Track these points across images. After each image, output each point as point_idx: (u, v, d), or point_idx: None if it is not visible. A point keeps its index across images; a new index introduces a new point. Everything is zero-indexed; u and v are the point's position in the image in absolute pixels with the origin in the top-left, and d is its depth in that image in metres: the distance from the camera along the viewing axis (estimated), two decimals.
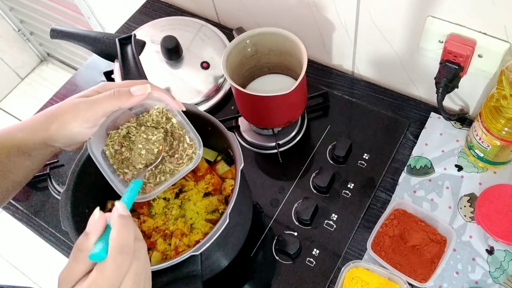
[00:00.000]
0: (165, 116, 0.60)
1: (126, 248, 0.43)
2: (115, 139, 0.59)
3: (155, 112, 0.60)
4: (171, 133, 0.59)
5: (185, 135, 0.60)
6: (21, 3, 1.95)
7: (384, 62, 0.92)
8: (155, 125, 0.59)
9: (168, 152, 0.60)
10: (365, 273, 0.74)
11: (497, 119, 0.73)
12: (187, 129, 0.59)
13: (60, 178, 0.92)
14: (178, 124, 0.60)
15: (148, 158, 0.59)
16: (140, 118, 0.60)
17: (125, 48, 0.78)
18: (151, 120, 0.59)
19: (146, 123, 0.59)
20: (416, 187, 0.84)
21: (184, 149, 0.60)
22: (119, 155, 0.59)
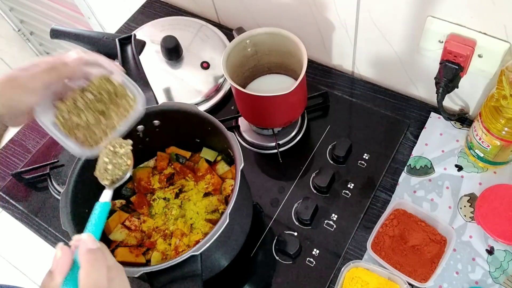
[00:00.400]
0: (106, 80, 0.62)
1: (98, 286, 0.41)
2: (63, 109, 0.60)
3: (96, 79, 0.62)
4: (115, 93, 0.62)
5: (127, 92, 0.62)
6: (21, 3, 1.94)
7: (384, 62, 0.92)
8: (98, 90, 0.61)
9: (115, 109, 0.62)
10: (365, 273, 0.74)
11: (497, 119, 0.73)
12: (129, 87, 0.62)
13: (60, 178, 0.92)
14: (119, 84, 0.62)
15: (115, 174, 0.60)
16: (83, 87, 0.62)
17: (125, 48, 0.78)
18: (93, 86, 0.61)
19: (89, 90, 0.61)
20: (416, 187, 0.84)
21: (129, 104, 0.62)
22: (69, 122, 0.61)
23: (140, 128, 0.74)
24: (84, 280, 0.40)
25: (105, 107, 0.61)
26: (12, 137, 1.03)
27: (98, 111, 0.61)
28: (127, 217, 0.76)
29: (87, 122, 0.61)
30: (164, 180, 0.79)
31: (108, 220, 0.73)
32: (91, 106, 0.61)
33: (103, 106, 0.61)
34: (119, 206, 0.76)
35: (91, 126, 0.61)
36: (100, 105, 0.61)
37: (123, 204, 0.77)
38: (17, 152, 1.01)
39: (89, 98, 0.61)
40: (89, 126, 0.61)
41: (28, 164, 0.97)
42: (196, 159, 0.81)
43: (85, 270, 0.41)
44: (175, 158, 0.81)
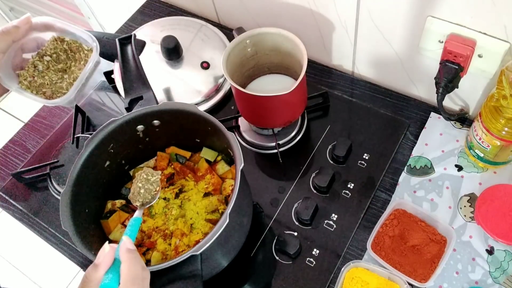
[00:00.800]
0: (59, 40, 0.68)
1: (137, 279, 0.48)
2: (25, 75, 0.67)
3: (49, 42, 0.68)
4: (70, 50, 0.68)
5: (81, 45, 0.69)
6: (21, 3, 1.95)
7: (384, 62, 0.92)
8: (54, 51, 0.68)
9: (75, 64, 0.69)
10: (365, 273, 0.74)
11: (497, 119, 0.73)
12: (82, 39, 0.68)
13: (60, 178, 0.92)
14: (72, 40, 0.69)
15: (146, 197, 0.67)
16: (40, 52, 0.68)
17: (125, 48, 0.78)
18: (48, 49, 0.68)
19: (46, 53, 0.68)
20: (416, 187, 0.84)
21: (86, 54, 0.69)
22: (34, 83, 0.67)
23: (140, 128, 0.74)
24: (126, 273, 0.47)
25: (64, 65, 0.68)
26: (12, 137, 1.03)
27: (59, 70, 0.68)
28: (127, 217, 0.76)
29: (51, 80, 0.67)
30: (164, 180, 0.79)
31: (108, 220, 0.73)
32: (51, 67, 0.67)
33: (62, 64, 0.68)
34: (119, 206, 0.76)
35: (56, 83, 0.67)
36: (60, 64, 0.67)
37: (123, 204, 0.77)
38: (17, 152, 1.01)
39: (47, 61, 0.67)
40: (54, 83, 0.67)
41: (28, 164, 0.97)
42: (196, 159, 0.81)
43: (127, 265, 0.48)
44: (175, 158, 0.81)
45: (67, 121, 1.03)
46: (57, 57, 0.68)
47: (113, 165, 0.76)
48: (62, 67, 0.68)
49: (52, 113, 1.05)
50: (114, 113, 1.03)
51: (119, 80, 0.99)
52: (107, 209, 0.76)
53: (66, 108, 1.05)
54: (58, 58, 0.68)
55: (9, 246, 1.89)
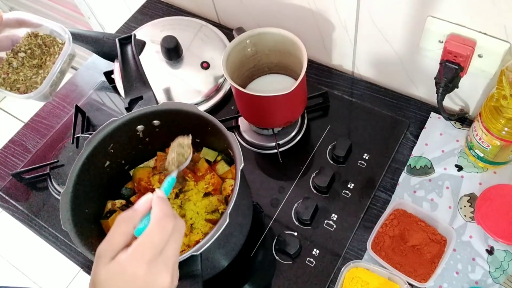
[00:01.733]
0: (33, 36, 0.68)
1: (168, 214, 0.48)
2: (0, 73, 0.67)
3: (24, 38, 0.68)
4: (44, 45, 0.68)
5: (55, 38, 0.69)
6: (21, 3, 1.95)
7: (384, 62, 0.92)
8: (28, 47, 0.68)
9: (49, 59, 0.69)
10: (365, 273, 0.74)
11: (497, 119, 0.73)
12: (56, 33, 0.69)
13: (60, 178, 0.92)
14: (47, 35, 0.69)
15: (180, 160, 0.66)
16: (14, 49, 0.68)
17: (125, 48, 0.78)
18: (23, 45, 0.68)
19: (20, 50, 0.68)
20: (416, 187, 0.84)
21: (60, 48, 0.69)
22: (8, 80, 0.68)
23: (140, 128, 0.74)
24: (157, 211, 0.48)
25: (39, 60, 0.67)
26: (12, 137, 1.03)
27: (34, 66, 0.67)
28: None
29: (26, 76, 0.67)
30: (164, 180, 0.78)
31: (108, 220, 0.73)
32: (26, 63, 0.67)
33: (37, 60, 0.67)
34: (119, 206, 0.76)
35: (31, 78, 0.67)
36: (35, 60, 0.67)
37: (123, 204, 0.77)
38: (17, 152, 1.01)
39: (22, 57, 0.67)
40: (29, 78, 0.67)
41: (28, 164, 0.97)
42: (196, 159, 0.81)
43: (158, 206, 0.49)
44: None
45: (67, 121, 1.03)
46: (31, 52, 0.68)
47: (113, 165, 0.76)
48: (37, 62, 0.68)
49: (52, 113, 1.05)
50: (114, 113, 1.03)
51: (119, 80, 0.99)
52: (107, 209, 0.76)
53: (66, 108, 1.05)
54: (32, 53, 0.68)
55: (9, 246, 1.89)
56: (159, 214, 0.48)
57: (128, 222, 0.48)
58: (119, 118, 0.71)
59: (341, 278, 0.74)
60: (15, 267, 1.85)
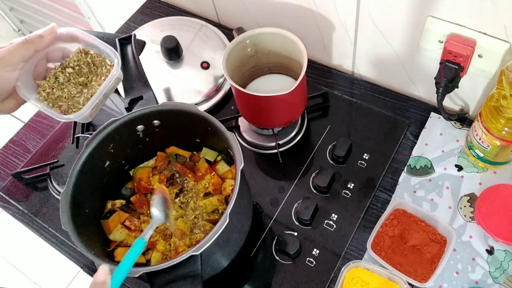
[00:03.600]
0: (84, 53, 0.66)
1: None
2: (45, 86, 0.65)
3: (74, 54, 0.66)
4: (93, 63, 0.66)
5: (105, 59, 0.66)
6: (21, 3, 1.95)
7: (384, 62, 0.92)
8: (77, 63, 0.66)
9: (96, 79, 0.66)
10: (365, 273, 0.74)
11: (497, 119, 0.73)
12: (106, 54, 0.66)
13: (60, 178, 0.92)
14: (96, 53, 0.66)
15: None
16: (63, 63, 0.66)
17: (125, 48, 0.78)
18: (72, 61, 0.65)
19: (69, 65, 0.66)
20: (416, 187, 0.84)
21: (108, 70, 0.66)
22: (52, 95, 0.65)
23: (140, 128, 0.74)
24: None
25: (85, 78, 0.65)
26: (12, 137, 1.03)
27: (80, 84, 0.65)
28: (127, 217, 0.76)
29: (70, 93, 0.65)
30: (164, 180, 0.79)
31: (108, 220, 0.73)
32: (72, 80, 0.65)
33: (84, 78, 0.65)
34: (119, 206, 0.76)
35: (74, 96, 0.65)
36: (81, 78, 0.65)
37: (123, 204, 0.77)
38: (17, 152, 1.01)
39: (69, 73, 0.65)
40: (72, 97, 0.65)
41: (28, 164, 0.97)
42: (196, 159, 0.81)
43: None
44: (175, 158, 0.81)
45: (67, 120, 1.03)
46: (79, 69, 0.65)
47: (113, 165, 0.76)
48: (83, 80, 0.66)
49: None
50: (114, 113, 1.03)
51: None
52: (107, 209, 0.76)
53: None
54: (80, 70, 0.66)
55: (9, 246, 1.89)
56: None
57: None
58: (119, 118, 0.71)
59: (341, 278, 0.74)
60: (15, 267, 1.85)
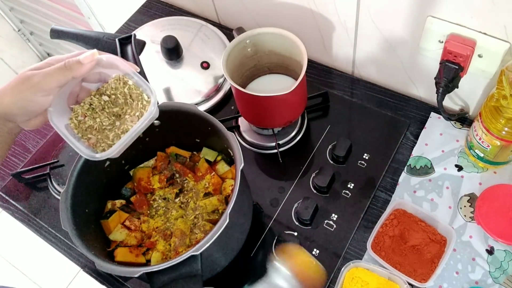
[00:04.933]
0: (122, 81, 0.61)
1: None
2: (78, 112, 0.60)
3: (112, 81, 0.61)
4: (130, 95, 0.61)
5: (142, 94, 0.61)
6: (21, 3, 1.95)
7: (384, 62, 0.92)
8: (113, 91, 0.61)
9: (130, 113, 0.61)
10: (365, 273, 0.74)
11: (497, 119, 0.73)
12: (144, 88, 0.60)
13: (60, 178, 0.92)
14: (134, 85, 0.61)
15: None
16: (100, 89, 0.62)
17: (125, 48, 0.78)
18: (109, 88, 0.61)
19: (105, 92, 0.61)
20: (416, 187, 0.84)
21: (144, 106, 0.61)
22: (82, 124, 0.61)
23: None
24: None
25: (120, 110, 0.61)
26: None
27: (113, 114, 0.61)
28: (127, 217, 0.76)
29: (101, 125, 0.60)
30: (164, 180, 0.79)
31: (108, 220, 0.73)
32: (106, 109, 0.61)
33: (118, 109, 0.60)
34: (119, 206, 0.76)
35: (105, 129, 0.60)
36: (116, 108, 0.60)
37: (123, 204, 0.77)
38: (17, 152, 1.01)
39: (105, 101, 0.60)
40: (103, 129, 0.60)
41: (28, 164, 0.97)
42: (196, 159, 0.81)
43: None
44: (175, 158, 0.81)
45: None
46: (115, 99, 0.61)
47: (113, 165, 0.76)
48: (117, 111, 0.61)
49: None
50: None
51: None
52: (107, 209, 0.76)
53: None
54: (116, 100, 0.61)
55: (9, 246, 1.89)
56: None
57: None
58: None
59: (341, 278, 0.74)
60: (15, 267, 1.85)
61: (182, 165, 0.80)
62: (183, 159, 0.81)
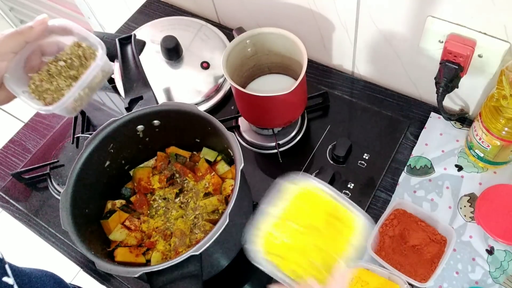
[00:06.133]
0: (77, 46, 0.65)
1: None
2: (35, 79, 0.64)
3: (68, 47, 0.65)
4: (84, 56, 0.65)
5: (95, 52, 0.65)
6: (21, 3, 1.95)
7: (384, 62, 0.92)
8: (69, 56, 0.65)
9: (84, 71, 0.65)
10: (365, 273, 0.74)
11: (497, 119, 0.73)
12: (96, 46, 0.65)
13: (60, 178, 0.92)
14: (88, 46, 0.65)
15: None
16: (57, 56, 0.65)
17: (125, 48, 0.78)
18: (65, 54, 0.65)
19: (62, 58, 0.65)
20: (416, 187, 0.84)
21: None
22: (40, 88, 0.64)
23: (140, 128, 0.74)
24: None
25: (76, 72, 0.64)
26: (12, 137, 1.03)
27: (70, 77, 0.64)
28: (127, 217, 0.76)
29: (58, 87, 0.64)
30: (164, 180, 0.79)
31: (108, 220, 0.73)
32: (63, 73, 0.64)
33: (74, 71, 0.64)
34: (119, 206, 0.76)
35: (62, 89, 0.64)
36: (72, 71, 0.64)
37: (123, 204, 0.77)
38: (17, 152, 1.01)
39: (61, 66, 0.64)
40: (60, 90, 0.64)
41: (28, 164, 0.97)
42: (196, 159, 0.81)
43: None
44: (175, 158, 0.81)
45: (67, 121, 1.03)
46: (71, 63, 0.65)
47: (113, 165, 0.76)
48: (74, 74, 0.65)
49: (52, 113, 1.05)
50: (114, 113, 1.03)
51: (119, 80, 0.99)
52: (107, 209, 0.76)
53: None
54: (72, 64, 0.65)
55: (9, 246, 1.89)
56: None
57: None
58: (119, 118, 0.71)
59: None
60: None
61: (182, 165, 0.80)
62: (183, 159, 0.81)
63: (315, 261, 0.55)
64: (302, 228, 0.57)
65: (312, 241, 0.57)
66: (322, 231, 0.57)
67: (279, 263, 0.56)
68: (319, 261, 0.56)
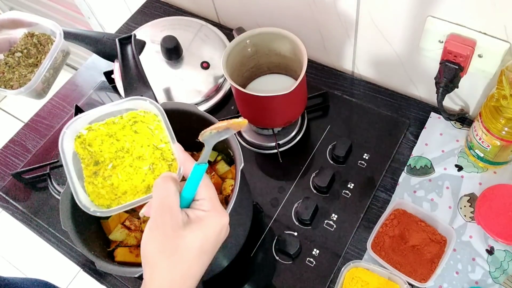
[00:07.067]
0: (29, 36, 0.70)
1: None
2: None
3: (21, 39, 0.70)
4: (40, 43, 0.70)
5: (50, 37, 0.71)
6: (21, 3, 1.95)
7: (384, 62, 0.92)
8: (25, 47, 0.69)
9: (45, 58, 0.70)
10: (365, 273, 0.74)
11: (497, 119, 0.73)
12: (50, 31, 0.70)
13: (60, 178, 0.92)
14: (42, 34, 0.71)
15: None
16: (11, 49, 0.70)
17: (125, 48, 0.78)
18: (20, 45, 0.69)
19: (17, 50, 0.69)
20: (416, 187, 0.84)
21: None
22: (3, 79, 0.69)
23: None
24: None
25: (35, 59, 0.69)
26: (12, 137, 1.03)
27: (30, 65, 0.69)
28: (127, 217, 0.75)
29: (21, 75, 0.68)
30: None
31: (108, 220, 0.73)
32: (22, 62, 0.68)
33: (33, 59, 0.69)
34: None
35: (25, 76, 0.69)
36: (31, 59, 0.69)
37: None
38: (17, 152, 1.01)
39: (18, 57, 0.68)
40: (24, 76, 0.69)
41: (28, 164, 0.97)
42: (196, 159, 0.81)
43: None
44: None
45: (67, 121, 1.03)
46: (27, 52, 0.69)
47: None
48: (33, 61, 0.70)
49: (52, 113, 1.05)
50: None
51: (119, 80, 0.99)
52: None
53: (66, 108, 1.05)
54: (28, 53, 0.69)
55: (9, 246, 1.89)
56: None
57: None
58: None
59: (341, 278, 0.74)
60: (15, 267, 1.85)
61: None
62: None
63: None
64: (112, 160, 0.58)
65: (128, 162, 0.58)
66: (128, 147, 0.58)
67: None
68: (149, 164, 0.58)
